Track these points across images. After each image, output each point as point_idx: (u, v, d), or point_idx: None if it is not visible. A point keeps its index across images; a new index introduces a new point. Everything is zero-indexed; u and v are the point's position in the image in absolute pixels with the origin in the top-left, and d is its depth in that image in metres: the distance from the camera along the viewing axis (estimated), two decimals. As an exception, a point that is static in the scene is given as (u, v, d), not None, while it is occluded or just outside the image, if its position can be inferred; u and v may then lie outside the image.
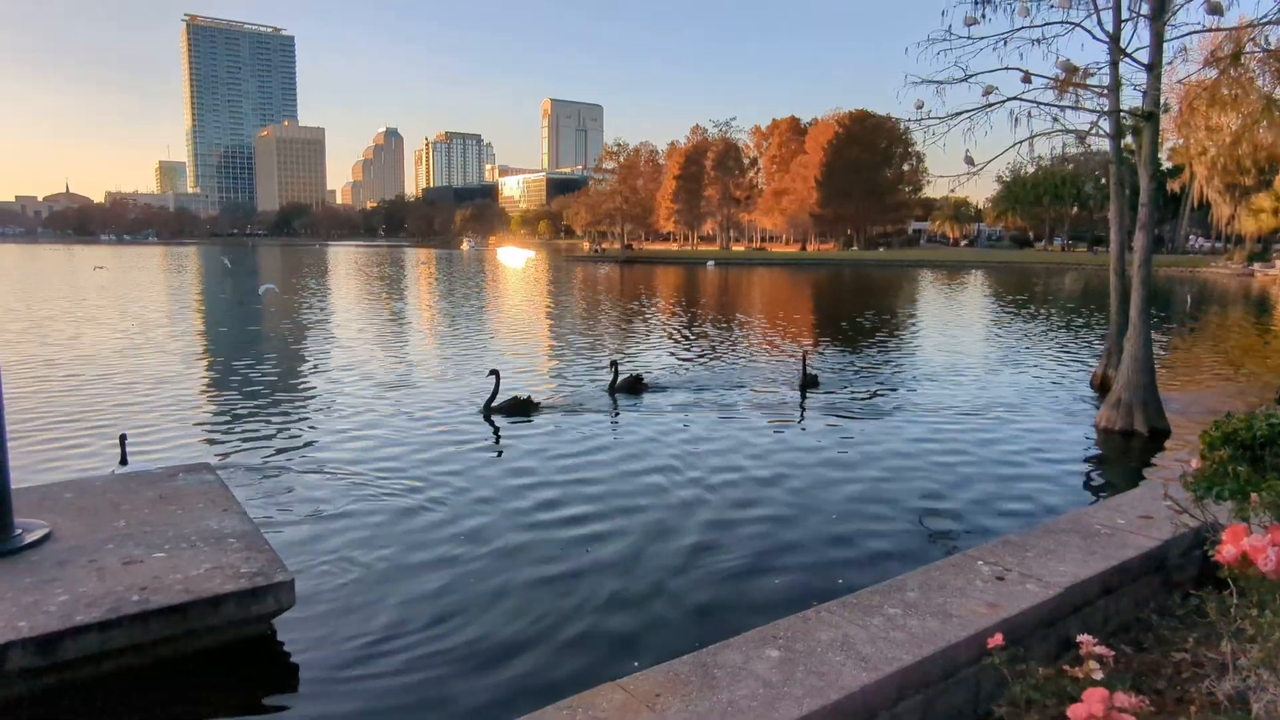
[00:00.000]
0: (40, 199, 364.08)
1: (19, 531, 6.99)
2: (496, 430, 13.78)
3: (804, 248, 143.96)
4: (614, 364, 16.92)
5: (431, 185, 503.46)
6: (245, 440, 13.13)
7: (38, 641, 5.45)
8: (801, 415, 15.61)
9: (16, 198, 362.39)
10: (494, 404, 14.64)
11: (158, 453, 12.06)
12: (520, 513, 9.68)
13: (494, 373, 15.14)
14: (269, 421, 14.48)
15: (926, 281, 69.84)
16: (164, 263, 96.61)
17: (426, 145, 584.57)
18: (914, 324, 34.72)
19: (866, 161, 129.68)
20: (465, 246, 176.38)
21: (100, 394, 16.72)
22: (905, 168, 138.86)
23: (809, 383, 17.34)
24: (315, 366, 20.74)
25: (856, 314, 36.53)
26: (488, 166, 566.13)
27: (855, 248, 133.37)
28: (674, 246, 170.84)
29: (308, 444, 12.91)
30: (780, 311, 40.96)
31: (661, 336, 28.23)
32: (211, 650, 6.10)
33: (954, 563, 5.14)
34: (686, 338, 27.24)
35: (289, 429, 13.94)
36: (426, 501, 10.04)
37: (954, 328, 31.93)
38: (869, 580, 6.10)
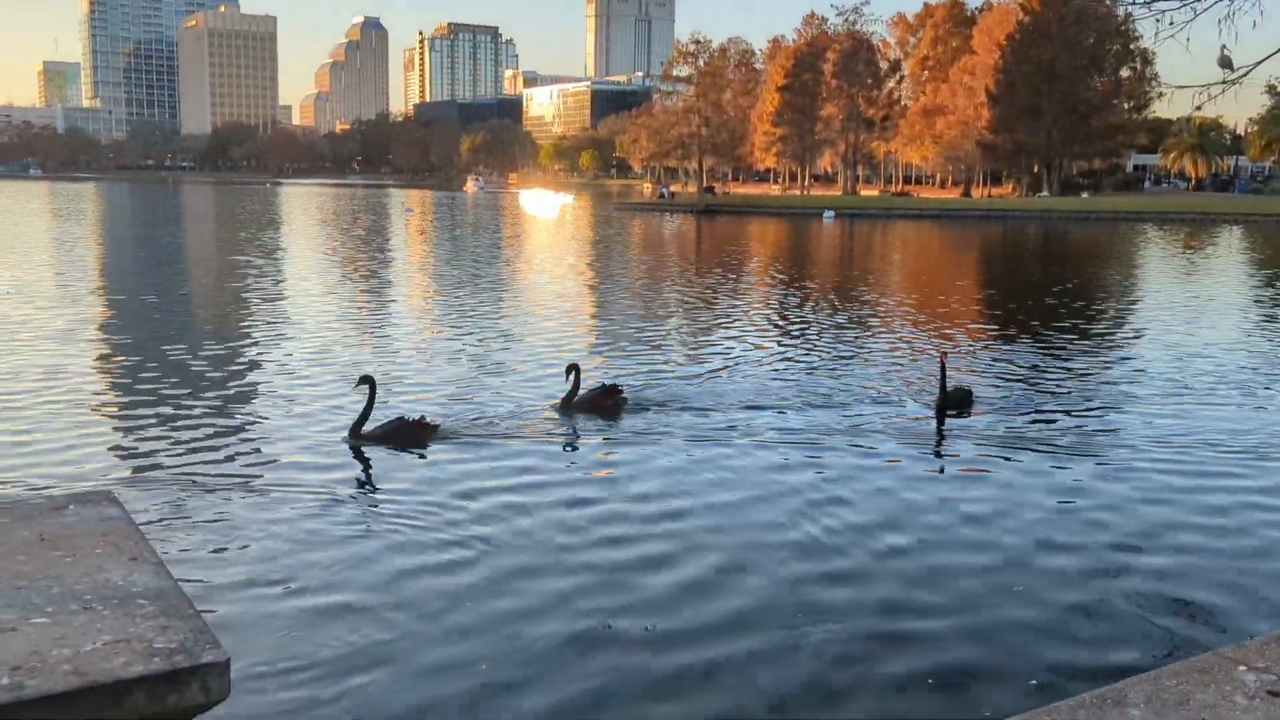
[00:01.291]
0: None
1: None
2: (367, 466, 13.42)
3: (967, 192, 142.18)
4: (573, 369, 16.35)
5: (427, 99, 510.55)
6: (163, 457, 13.32)
7: None
8: (938, 449, 15.12)
9: None
10: (365, 429, 14.12)
11: (37, 474, 12.31)
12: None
13: (365, 380, 14.44)
14: (197, 429, 14.70)
15: (1154, 243, 68.38)
16: (47, 205, 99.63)
17: (421, 42, 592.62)
18: (1134, 308, 33.91)
19: (1065, 66, 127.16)
20: (471, 187, 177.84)
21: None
22: (1124, 73, 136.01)
23: (952, 400, 16.69)
24: (259, 355, 21.18)
25: (1043, 293, 35.87)
26: (508, 73, 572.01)
27: (1045, 192, 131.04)
28: (775, 190, 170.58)
29: (252, 464, 13.10)
30: (926, 287, 40.38)
31: (731, 325, 28.09)
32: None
33: (1200, 666, 4.95)
34: (766, 327, 27.18)
35: (228, 442, 14.11)
36: (444, 547, 10.15)
37: (1202, 315, 31.03)
38: (1067, 688, 5.95)
